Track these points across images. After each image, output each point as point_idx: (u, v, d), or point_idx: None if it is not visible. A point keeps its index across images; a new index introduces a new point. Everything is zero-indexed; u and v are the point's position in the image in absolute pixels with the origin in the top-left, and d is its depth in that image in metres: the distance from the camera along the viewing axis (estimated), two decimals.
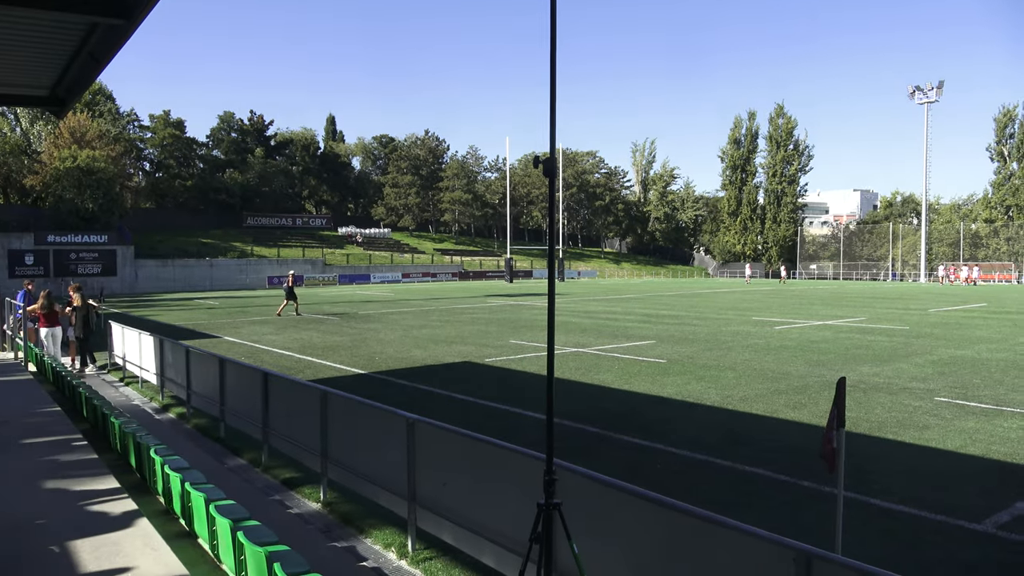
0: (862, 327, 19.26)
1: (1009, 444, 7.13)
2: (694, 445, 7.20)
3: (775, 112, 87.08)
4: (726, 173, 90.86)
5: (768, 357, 13.30)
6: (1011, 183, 75.85)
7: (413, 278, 61.99)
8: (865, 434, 7.55)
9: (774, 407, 8.94)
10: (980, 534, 4.88)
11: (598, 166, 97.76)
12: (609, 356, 13.54)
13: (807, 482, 5.96)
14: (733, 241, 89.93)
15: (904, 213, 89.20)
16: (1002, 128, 76.89)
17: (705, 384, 10.55)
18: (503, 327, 19.46)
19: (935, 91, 76.30)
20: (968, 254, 77.34)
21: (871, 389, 10.04)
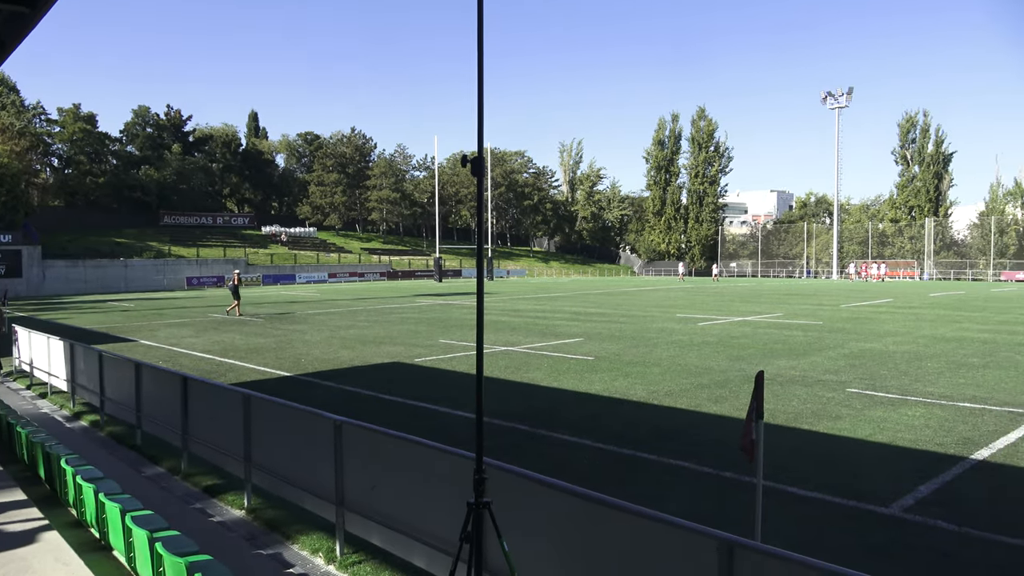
0: (779, 323, 20.03)
1: (913, 431, 7.55)
2: (621, 440, 7.34)
3: (697, 115, 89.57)
4: (651, 174, 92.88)
5: (691, 353, 13.68)
6: (913, 185, 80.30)
7: (340, 278, 60.95)
8: (783, 425, 7.86)
9: (697, 401, 9.21)
10: (887, 517, 5.15)
11: (526, 166, 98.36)
12: (538, 354, 13.66)
13: (729, 473, 6.16)
14: (658, 240, 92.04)
15: (817, 213, 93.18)
16: (905, 133, 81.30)
17: (631, 380, 10.77)
18: (432, 327, 19.37)
19: (845, 97, 79.99)
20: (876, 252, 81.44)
21: (788, 382, 10.46)
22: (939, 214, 79.80)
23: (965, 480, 5.97)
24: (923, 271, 75.97)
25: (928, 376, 10.91)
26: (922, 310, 25.13)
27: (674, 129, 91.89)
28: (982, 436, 7.32)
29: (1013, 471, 6.22)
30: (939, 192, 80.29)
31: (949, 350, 13.92)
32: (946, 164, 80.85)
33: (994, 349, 14.07)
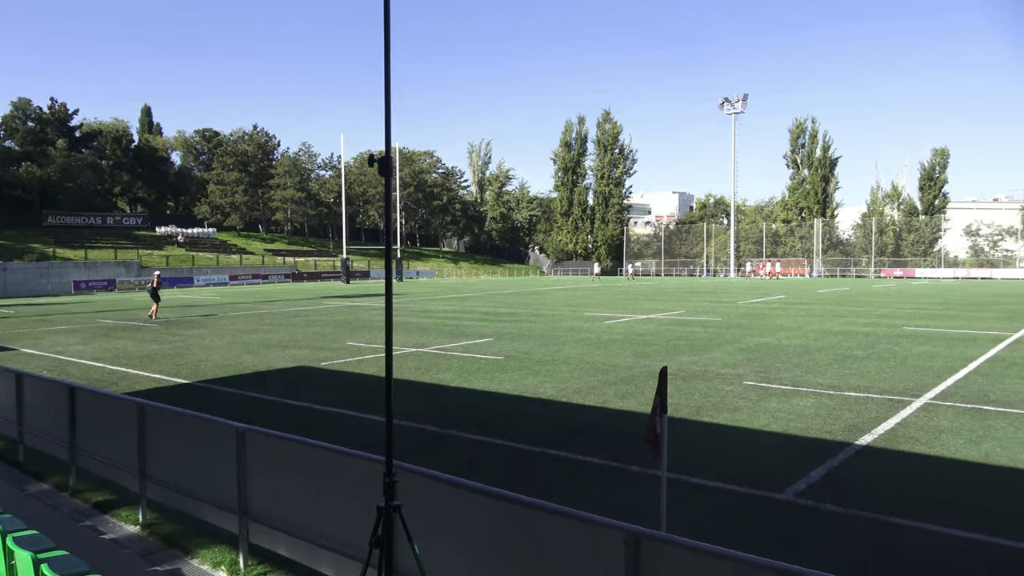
0: (682, 319, 20.75)
1: (804, 420, 7.99)
2: (531, 438, 7.42)
3: (602, 117, 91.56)
4: (558, 175, 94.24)
5: (599, 350, 13.98)
6: (803, 188, 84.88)
7: (242, 280, 58.82)
8: (686, 418, 8.15)
9: (605, 398, 9.42)
10: (781, 502, 5.43)
11: (435, 166, 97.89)
12: (448, 355, 13.62)
13: (635, 467, 6.34)
14: (566, 240, 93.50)
15: (716, 214, 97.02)
16: (795, 139, 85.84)
17: (541, 379, 10.90)
18: (340, 329, 18.99)
19: (741, 103, 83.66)
20: (770, 251, 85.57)
21: (690, 377, 10.85)
22: (826, 215, 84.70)
23: (850, 464, 6.37)
24: (812, 269, 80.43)
25: (817, 368, 11.56)
26: (811, 306, 26.61)
27: (580, 131, 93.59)
28: (865, 423, 7.82)
29: (892, 454, 6.68)
30: (826, 194, 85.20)
31: (836, 343, 14.80)
32: (832, 168, 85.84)
33: (875, 341, 15.06)
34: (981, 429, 7.49)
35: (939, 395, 9.29)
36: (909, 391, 9.55)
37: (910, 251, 79.26)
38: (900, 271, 74.58)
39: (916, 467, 6.33)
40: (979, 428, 7.53)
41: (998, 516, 5.09)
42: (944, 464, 6.38)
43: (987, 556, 4.46)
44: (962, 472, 6.16)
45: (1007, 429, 7.48)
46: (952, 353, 13.15)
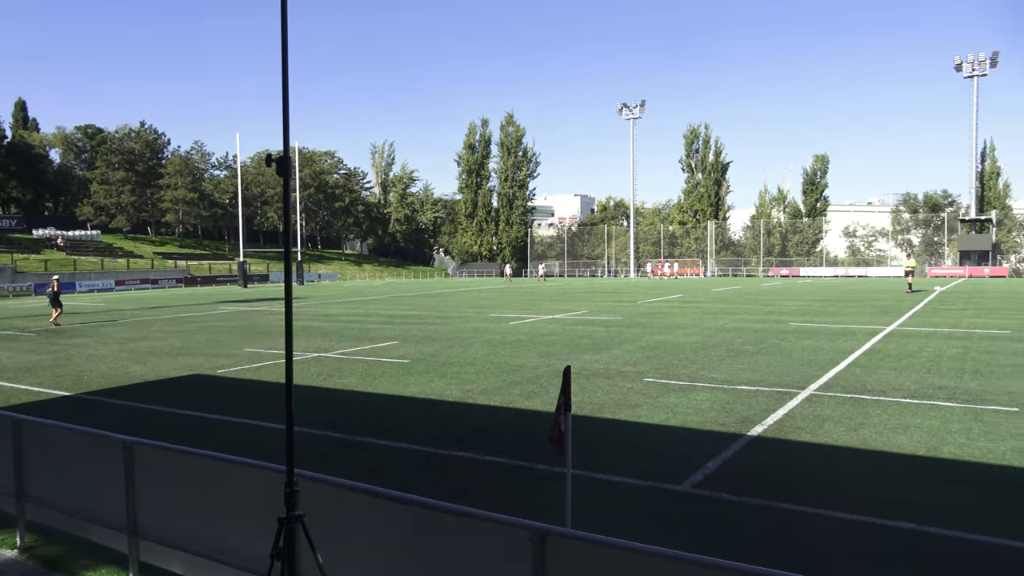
0: (584, 319, 21.19)
1: (701, 414, 8.32)
2: (438, 441, 7.38)
3: (506, 120, 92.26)
4: (462, 177, 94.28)
5: (504, 351, 14.08)
6: (697, 191, 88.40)
7: (130, 285, 55.67)
8: (589, 416, 8.32)
9: (510, 398, 9.50)
10: (680, 493, 5.63)
11: (337, 166, 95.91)
12: (352, 359, 13.37)
13: (541, 465, 6.42)
14: (470, 242, 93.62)
15: (616, 216, 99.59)
16: (690, 144, 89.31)
17: (447, 381, 10.88)
18: (237, 335, 18.29)
19: (639, 108, 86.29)
20: (667, 252, 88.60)
21: (593, 375, 11.09)
22: (719, 217, 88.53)
23: (743, 454, 6.68)
24: (707, 269, 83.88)
25: (712, 364, 12.07)
26: (706, 304, 27.76)
27: (484, 134, 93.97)
28: (756, 414, 8.23)
29: (781, 443, 7.06)
30: (719, 198, 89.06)
31: (729, 339, 15.50)
32: (724, 172, 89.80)
33: (764, 337, 15.87)
34: (859, 417, 8.02)
35: (822, 386, 9.89)
36: (795, 383, 10.11)
37: (795, 251, 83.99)
38: (786, 270, 78.87)
39: (803, 454, 6.72)
40: (857, 416, 8.07)
41: (877, 498, 5.47)
42: (828, 451, 6.80)
43: (869, 536, 4.78)
44: (844, 457, 6.58)
45: (881, 416, 8.05)
46: (833, 347, 14.02)
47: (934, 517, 5.00)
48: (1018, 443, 6.85)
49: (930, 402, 8.73)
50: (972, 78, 74.02)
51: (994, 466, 6.21)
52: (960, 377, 10.42)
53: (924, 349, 13.48)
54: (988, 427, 7.48)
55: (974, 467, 6.20)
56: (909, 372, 10.89)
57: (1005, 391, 9.34)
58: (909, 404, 8.64)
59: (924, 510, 5.15)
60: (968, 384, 9.86)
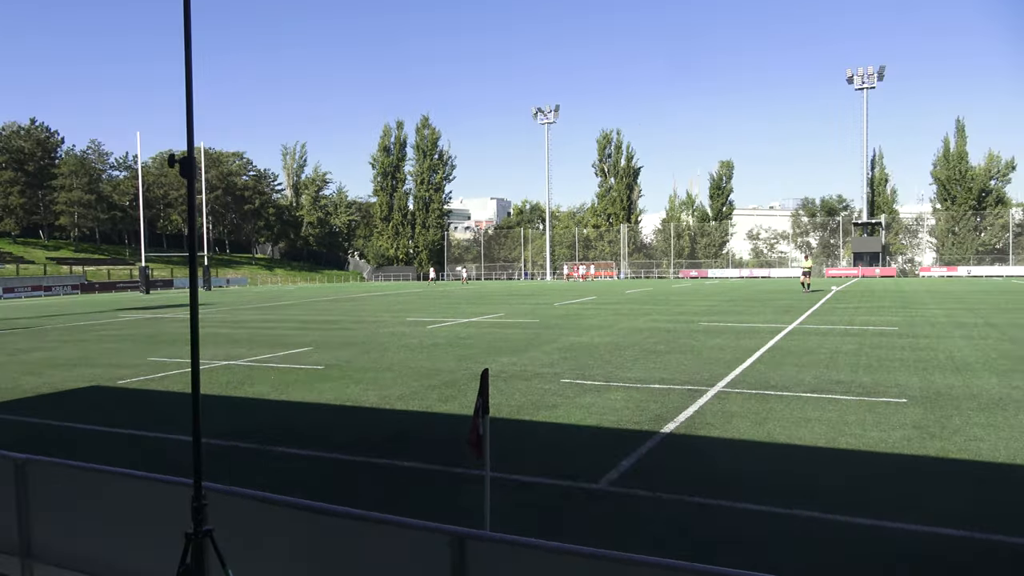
0: (502, 322, 21.29)
1: (616, 413, 8.50)
2: (354, 448, 7.26)
3: (421, 123, 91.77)
4: (377, 179, 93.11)
5: (422, 355, 13.98)
6: (610, 195, 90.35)
7: (19, 292, 52.18)
8: (507, 418, 8.37)
9: (428, 402, 9.44)
10: (597, 491, 5.74)
11: (245, 168, 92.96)
12: (264, 366, 12.97)
13: (459, 469, 6.41)
14: (386, 245, 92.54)
15: (532, 219, 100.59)
16: (602, 149, 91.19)
17: (364, 386, 10.71)
18: (140, 344, 17.44)
19: (553, 113, 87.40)
20: (582, 255, 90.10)
21: (510, 377, 11.16)
22: (631, 221, 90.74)
23: (657, 451, 6.87)
24: (620, 271, 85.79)
25: (626, 363, 12.36)
26: (620, 305, 28.40)
27: (399, 136, 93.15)
28: (669, 412, 8.48)
29: (693, 439, 7.30)
30: (631, 201, 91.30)
31: (642, 340, 15.90)
32: (636, 177, 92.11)
33: (676, 337, 16.37)
34: (764, 412, 8.39)
35: (729, 383, 10.28)
36: (705, 381, 10.48)
37: (703, 253, 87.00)
38: (695, 272, 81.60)
39: (713, 449, 6.97)
40: (762, 411, 8.43)
41: (781, 488, 5.73)
42: (735, 445, 7.07)
43: (776, 525, 5.00)
44: (750, 451, 6.87)
45: (784, 410, 8.44)
46: (739, 345, 14.60)
47: (833, 504, 5.28)
48: (906, 432, 7.32)
49: (828, 396, 9.22)
50: (862, 90, 78.65)
51: (886, 454, 6.61)
52: (855, 372, 11.05)
53: (822, 346, 14.22)
54: (880, 418, 7.96)
55: (869, 455, 6.59)
56: (809, 368, 11.46)
57: (895, 383, 9.96)
58: (810, 398, 9.09)
59: (824, 498, 5.43)
60: (862, 378, 10.46)
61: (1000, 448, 6.69)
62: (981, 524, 4.84)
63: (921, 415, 8.05)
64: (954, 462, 6.34)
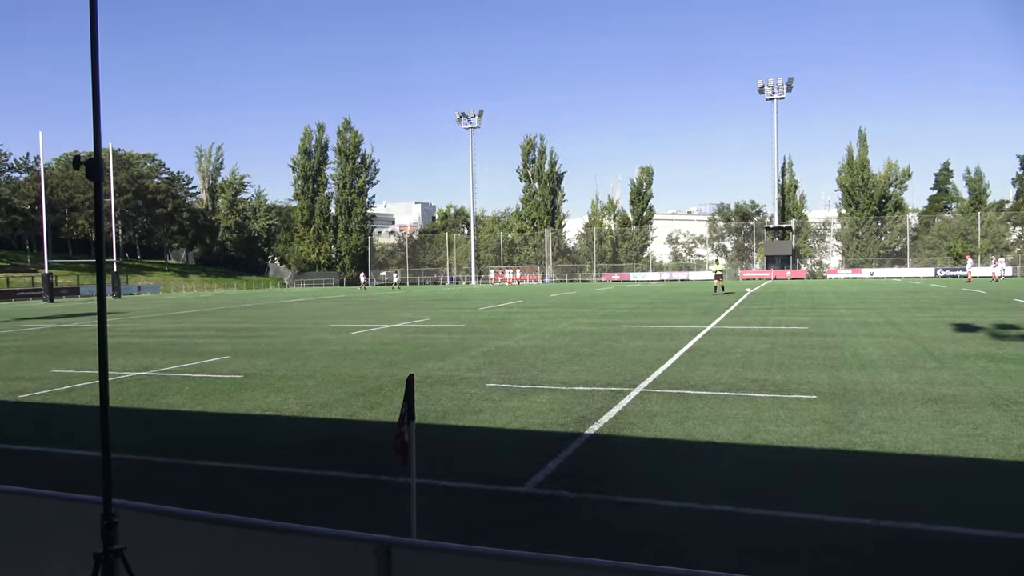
0: (427, 327, 21.17)
1: (542, 415, 8.58)
2: (276, 458, 7.08)
3: (343, 126, 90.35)
4: (298, 183, 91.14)
5: (346, 362, 13.75)
6: (535, 200, 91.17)
7: None
8: (433, 423, 8.33)
9: (353, 410, 9.29)
10: (523, 494, 5.78)
11: (158, 170, 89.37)
12: (178, 377, 12.49)
13: (385, 476, 6.34)
14: (308, 250, 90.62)
15: (457, 224, 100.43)
16: (526, 154, 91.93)
17: (285, 395, 10.45)
18: (43, 355, 16.49)
19: (477, 118, 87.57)
20: (507, 259, 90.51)
21: (436, 382, 11.11)
22: (555, 225, 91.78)
23: (582, 452, 6.97)
24: (545, 275, 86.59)
25: (551, 366, 12.49)
26: (545, 309, 28.68)
27: (320, 139, 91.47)
28: (593, 413, 8.62)
29: (616, 439, 7.45)
30: (555, 206, 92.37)
31: (566, 343, 16.11)
32: (559, 182, 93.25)
33: (599, 339, 16.66)
34: (684, 411, 8.63)
35: (651, 384, 10.53)
36: (627, 382, 10.70)
37: (625, 257, 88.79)
38: (617, 275, 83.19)
39: (635, 449, 7.12)
40: (683, 410, 8.68)
41: (701, 484, 5.91)
42: (657, 443, 7.25)
43: (694, 522, 5.15)
44: (671, 449, 7.06)
45: (704, 409, 8.71)
46: (660, 346, 14.98)
47: (749, 498, 5.48)
48: (817, 427, 7.67)
49: (744, 394, 9.56)
50: (773, 100, 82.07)
51: (799, 448, 6.91)
52: (769, 370, 11.50)
53: (738, 345, 14.74)
54: (792, 413, 8.32)
55: (783, 450, 6.87)
56: (726, 367, 11.86)
57: (806, 381, 10.43)
58: (727, 397, 9.41)
59: (741, 493, 5.63)
60: (776, 376, 10.90)
61: (900, 440, 7.10)
62: (884, 512, 5.12)
63: (830, 410, 8.46)
64: (860, 454, 6.69)
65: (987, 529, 4.80)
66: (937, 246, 79.35)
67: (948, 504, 5.35)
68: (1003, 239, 78.03)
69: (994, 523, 4.90)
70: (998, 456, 6.50)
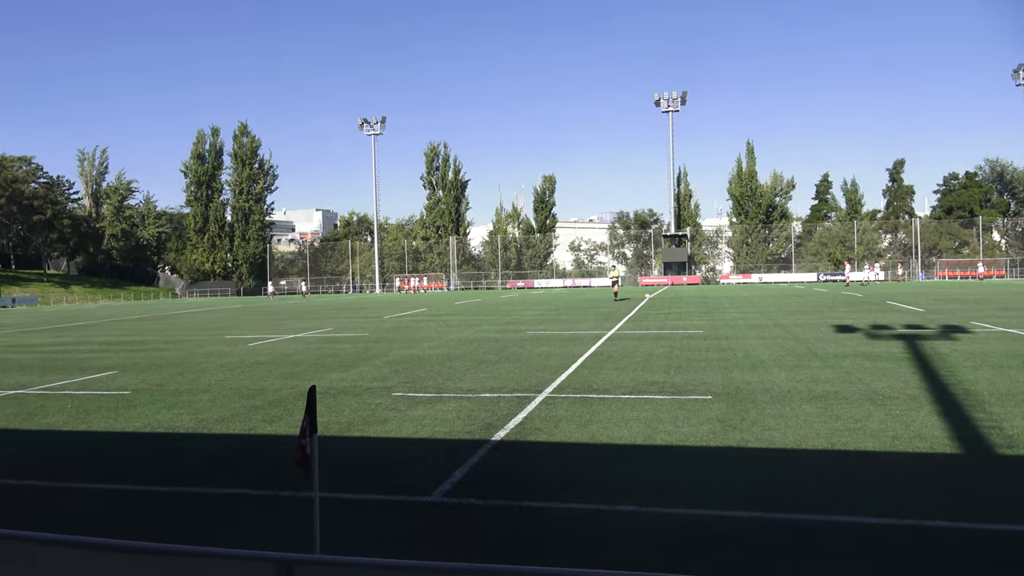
0: (330, 337, 20.70)
1: (448, 424, 8.56)
2: (167, 478, 6.74)
3: (239, 130, 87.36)
4: (191, 189, 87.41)
5: (244, 375, 13.25)
6: (439, 207, 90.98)
7: None
8: (336, 435, 8.15)
9: (251, 424, 8.97)
10: (429, 504, 5.74)
11: (35, 174, 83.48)
12: (60, 394, 11.68)
13: (287, 492, 6.15)
14: (201, 259, 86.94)
15: (360, 231, 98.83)
16: (430, 162, 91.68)
17: (177, 411, 9.96)
18: None
19: (380, 125, 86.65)
20: (412, 267, 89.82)
21: (340, 393, 10.88)
22: (460, 233, 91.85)
23: (489, 459, 7.00)
24: (450, 282, 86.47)
25: (457, 374, 12.47)
26: (450, 317, 28.62)
27: (215, 143, 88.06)
28: (499, 420, 8.66)
29: (523, 445, 7.51)
30: (459, 214, 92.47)
31: (472, 350, 16.13)
32: (463, 190, 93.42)
33: (504, 346, 16.77)
34: (588, 414, 8.81)
35: (556, 388, 10.70)
36: (533, 387, 10.82)
37: (529, 264, 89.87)
38: (522, 282, 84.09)
39: (541, 453, 7.21)
40: (587, 414, 8.85)
41: (605, 486, 6.05)
42: (563, 447, 7.37)
43: (599, 524, 5.26)
44: (576, 452, 7.19)
45: (606, 412, 8.92)
46: (564, 351, 15.24)
47: (650, 497, 5.65)
48: (712, 426, 8.00)
49: (645, 396, 9.86)
50: (668, 113, 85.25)
51: (696, 447, 7.19)
52: (668, 372, 11.91)
53: (639, 349, 15.19)
54: (690, 414, 8.64)
55: (681, 449, 7.13)
56: (627, 371, 12.20)
57: (702, 382, 10.86)
58: (628, 399, 9.68)
59: (642, 492, 5.80)
60: (674, 378, 11.30)
61: (789, 436, 7.50)
62: (772, 505, 5.41)
63: (724, 410, 8.84)
64: (752, 450, 7.03)
65: (871, 517, 5.15)
66: (819, 252, 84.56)
67: (834, 495, 5.69)
68: (876, 246, 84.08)
69: (877, 511, 5.26)
70: (875, 448, 6.98)
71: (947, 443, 7.10)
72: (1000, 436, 7.28)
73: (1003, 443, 7.04)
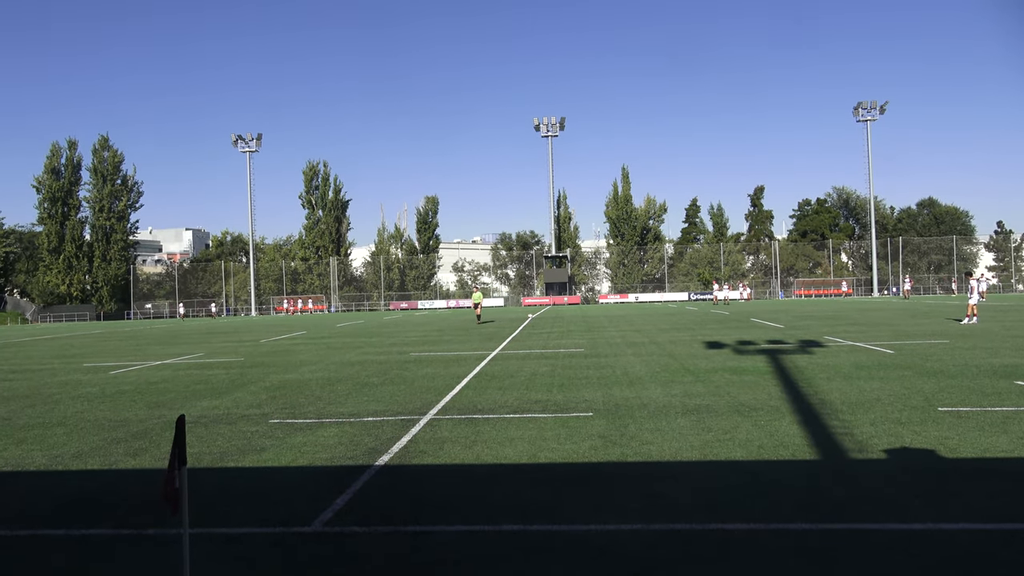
0: (201, 363, 19.63)
1: (329, 450, 8.30)
2: (20, 521, 6.13)
3: (99, 144, 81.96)
4: (44, 206, 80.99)
5: (104, 405, 12.31)
6: (319, 227, 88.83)
7: None
8: (209, 467, 7.72)
9: (113, 459, 8.33)
10: (310, 534, 5.54)
11: None
12: None
13: (152, 530, 5.75)
14: (56, 281, 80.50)
15: (234, 252, 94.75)
16: (309, 180, 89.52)
17: (27, 447, 9.11)
18: None
19: (255, 142, 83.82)
20: (291, 288, 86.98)
21: (212, 422, 10.32)
22: (341, 253, 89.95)
23: (372, 485, 6.84)
24: (331, 304, 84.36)
25: (339, 398, 12.15)
26: (331, 339, 27.88)
27: (72, 157, 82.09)
28: (383, 444, 8.50)
29: (407, 469, 7.40)
30: (340, 234, 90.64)
31: (355, 373, 15.77)
32: (344, 209, 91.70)
33: (388, 368, 16.51)
34: (473, 435, 8.81)
35: (441, 410, 10.63)
36: (417, 410, 10.71)
37: (413, 285, 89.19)
38: (406, 303, 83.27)
39: (426, 476, 7.13)
40: (471, 434, 8.85)
41: (491, 506, 6.05)
42: (448, 469, 7.32)
43: (484, 545, 5.25)
44: (461, 474, 7.16)
45: (491, 432, 8.95)
46: (449, 372, 15.19)
47: (535, 514, 5.71)
48: (594, 442, 8.21)
49: (529, 415, 9.98)
50: (548, 138, 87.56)
51: (578, 463, 7.34)
52: (551, 391, 12.11)
53: (522, 369, 15.37)
54: (572, 431, 8.82)
55: (564, 466, 7.25)
56: (511, 390, 12.31)
57: (583, 400, 11.12)
58: (513, 419, 9.76)
59: (527, 509, 5.85)
60: (556, 396, 11.51)
61: (665, 448, 7.81)
62: (652, 516, 5.60)
63: (604, 426, 9.09)
64: (631, 464, 7.26)
65: (742, 523, 5.43)
66: (689, 273, 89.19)
67: (708, 503, 5.97)
68: (740, 266, 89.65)
69: (747, 517, 5.55)
70: (744, 457, 7.39)
71: (807, 450, 7.62)
72: (851, 441, 7.91)
73: (854, 448, 7.65)
